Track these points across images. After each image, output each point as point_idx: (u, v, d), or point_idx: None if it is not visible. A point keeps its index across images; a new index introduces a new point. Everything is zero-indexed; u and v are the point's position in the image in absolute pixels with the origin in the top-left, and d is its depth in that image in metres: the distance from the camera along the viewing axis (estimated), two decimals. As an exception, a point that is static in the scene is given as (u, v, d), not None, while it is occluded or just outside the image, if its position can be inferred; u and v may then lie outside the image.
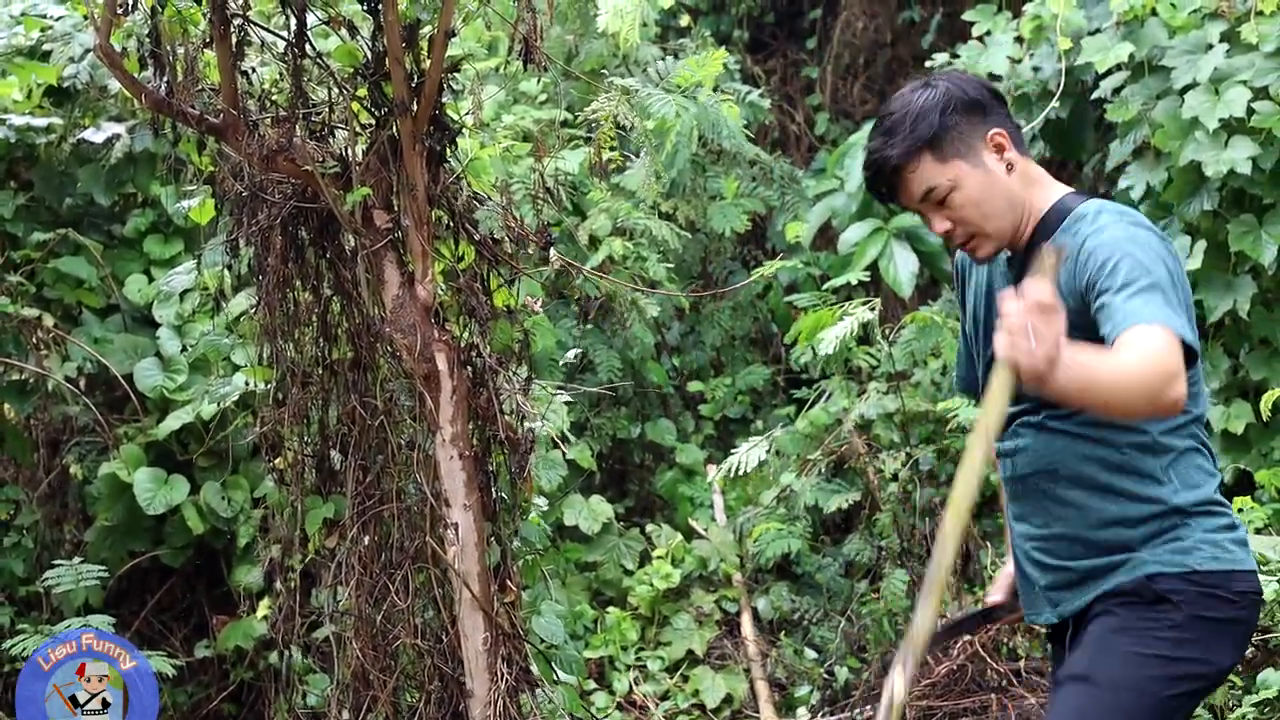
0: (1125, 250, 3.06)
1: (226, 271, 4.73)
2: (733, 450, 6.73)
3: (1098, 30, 6.93)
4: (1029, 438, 3.35)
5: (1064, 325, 2.71)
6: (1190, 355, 2.95)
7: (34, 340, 6.21)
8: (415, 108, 4.24)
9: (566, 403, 5.36)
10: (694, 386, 8.12)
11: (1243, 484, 6.29)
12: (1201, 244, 6.33)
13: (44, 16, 6.31)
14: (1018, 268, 3.34)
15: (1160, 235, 3.19)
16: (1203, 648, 3.24)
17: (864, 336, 6.48)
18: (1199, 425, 3.32)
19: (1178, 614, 3.23)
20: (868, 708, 6.11)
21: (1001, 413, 2.80)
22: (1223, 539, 3.28)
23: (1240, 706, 4.26)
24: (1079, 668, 3.23)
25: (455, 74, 4.42)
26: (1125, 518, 3.26)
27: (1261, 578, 4.30)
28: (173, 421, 6.17)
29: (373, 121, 4.38)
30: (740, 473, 6.57)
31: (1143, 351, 2.87)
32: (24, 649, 5.18)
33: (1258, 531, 4.71)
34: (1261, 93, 6.20)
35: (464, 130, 4.53)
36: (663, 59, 6.93)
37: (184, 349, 6.36)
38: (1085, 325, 3.03)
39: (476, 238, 4.50)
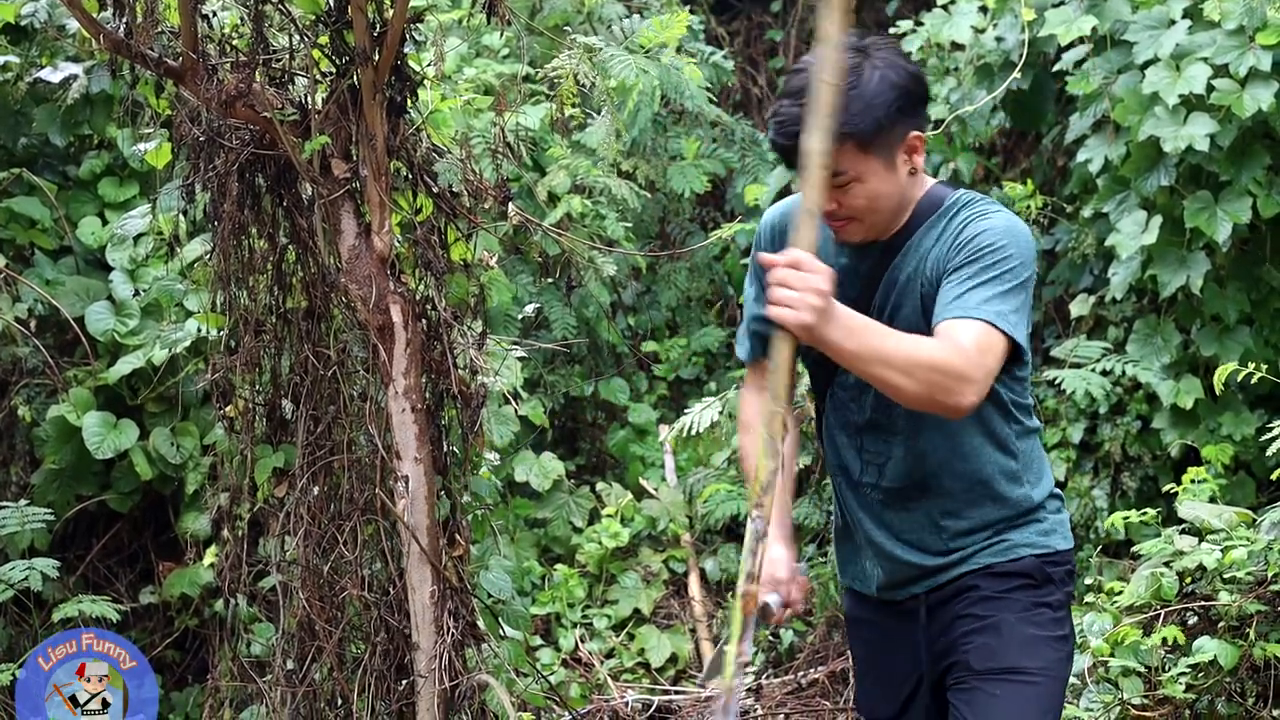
0: (1002, 241, 3.17)
1: (181, 216, 4.70)
2: (685, 411, 6.73)
3: (1061, 3, 6.94)
4: (899, 450, 3.37)
5: (826, 283, 2.88)
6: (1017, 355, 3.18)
7: (-15, 280, 6.16)
8: (376, 57, 4.21)
9: (520, 359, 5.35)
10: (648, 346, 8.12)
11: (1189, 458, 6.35)
12: (1157, 219, 6.36)
13: (2, -47, 6.24)
14: (877, 254, 3.33)
15: (1029, 232, 3.30)
16: (1070, 621, 3.45)
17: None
18: (1036, 432, 3.46)
19: (1059, 593, 3.41)
20: (812, 670, 6.15)
21: (787, 381, 2.97)
22: (1064, 519, 3.48)
23: (1175, 667, 4.30)
24: (1003, 660, 3.31)
25: (418, 25, 4.40)
26: (997, 519, 3.37)
27: (1205, 546, 4.38)
28: (123, 366, 6.14)
29: (333, 70, 4.35)
30: (692, 433, 6.58)
31: (950, 347, 3.05)
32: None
33: (1210, 500, 4.76)
34: (1222, 70, 6.22)
35: (425, 82, 4.50)
36: (627, 17, 6.91)
37: (136, 293, 6.32)
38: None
39: (435, 190, 4.48)
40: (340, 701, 4.62)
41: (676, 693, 6.04)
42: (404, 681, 4.52)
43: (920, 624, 3.42)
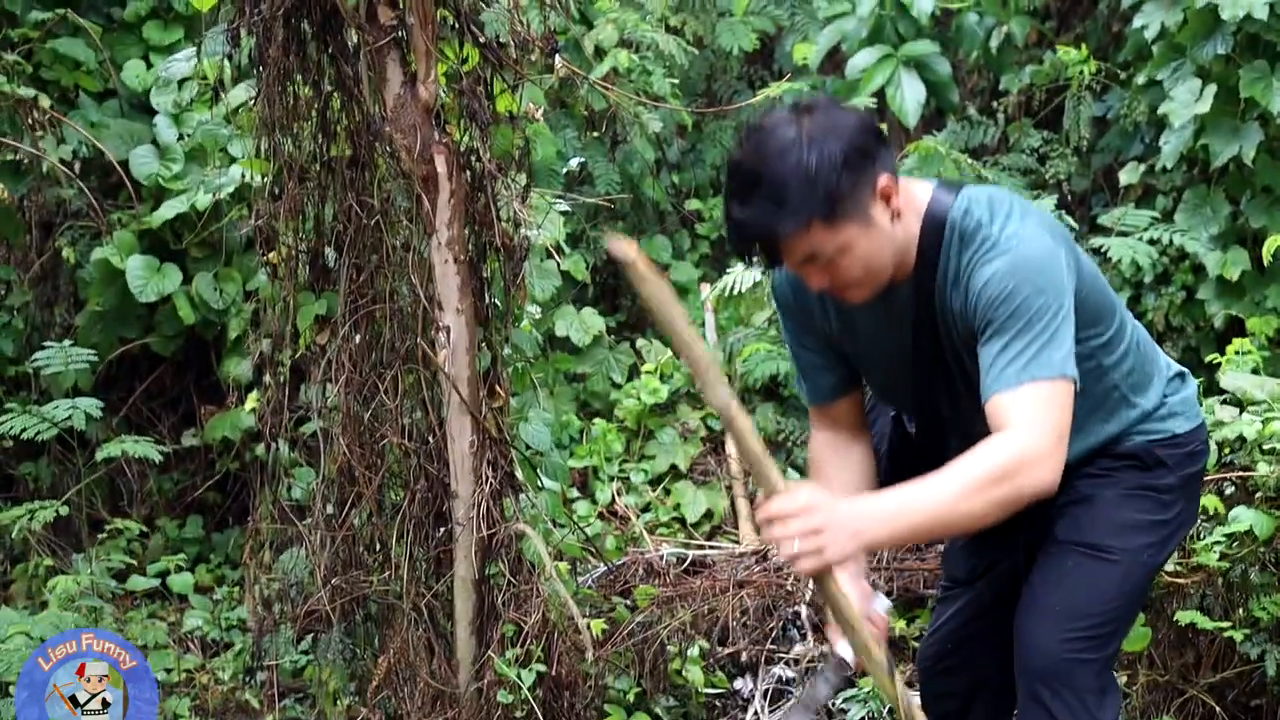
0: (1012, 285, 3.01)
1: (226, 61, 4.67)
2: (727, 270, 6.72)
3: None
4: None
5: (824, 514, 2.77)
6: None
7: (30, 121, 6.16)
8: (425, -98, 4.16)
9: (563, 213, 5.33)
10: (692, 204, 8.08)
11: (1233, 329, 6.31)
12: (1212, 88, 6.26)
13: None
14: (905, 297, 3.21)
15: (1039, 223, 3.12)
16: (1186, 501, 3.42)
17: (866, 162, 6.42)
18: (1132, 345, 3.35)
19: (1171, 477, 3.36)
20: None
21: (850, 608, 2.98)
22: (1185, 398, 3.43)
23: (1210, 535, 4.31)
24: (1088, 535, 3.30)
25: None
26: (1107, 440, 3.35)
27: (1245, 417, 4.37)
28: (167, 210, 6.15)
29: (381, -86, 4.30)
30: (734, 293, 6.57)
31: (1001, 443, 2.93)
32: (12, 427, 5.22)
33: (1253, 372, 4.74)
34: (1285, -64, 6.09)
35: (473, -72, 4.44)
36: None
37: (181, 138, 6.32)
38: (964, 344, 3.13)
39: (481, 40, 4.43)
40: (379, 547, 4.67)
41: (711, 548, 6.08)
42: (442, 529, 4.57)
43: None
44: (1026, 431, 2.94)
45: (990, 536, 3.40)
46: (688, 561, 5.73)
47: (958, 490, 2.89)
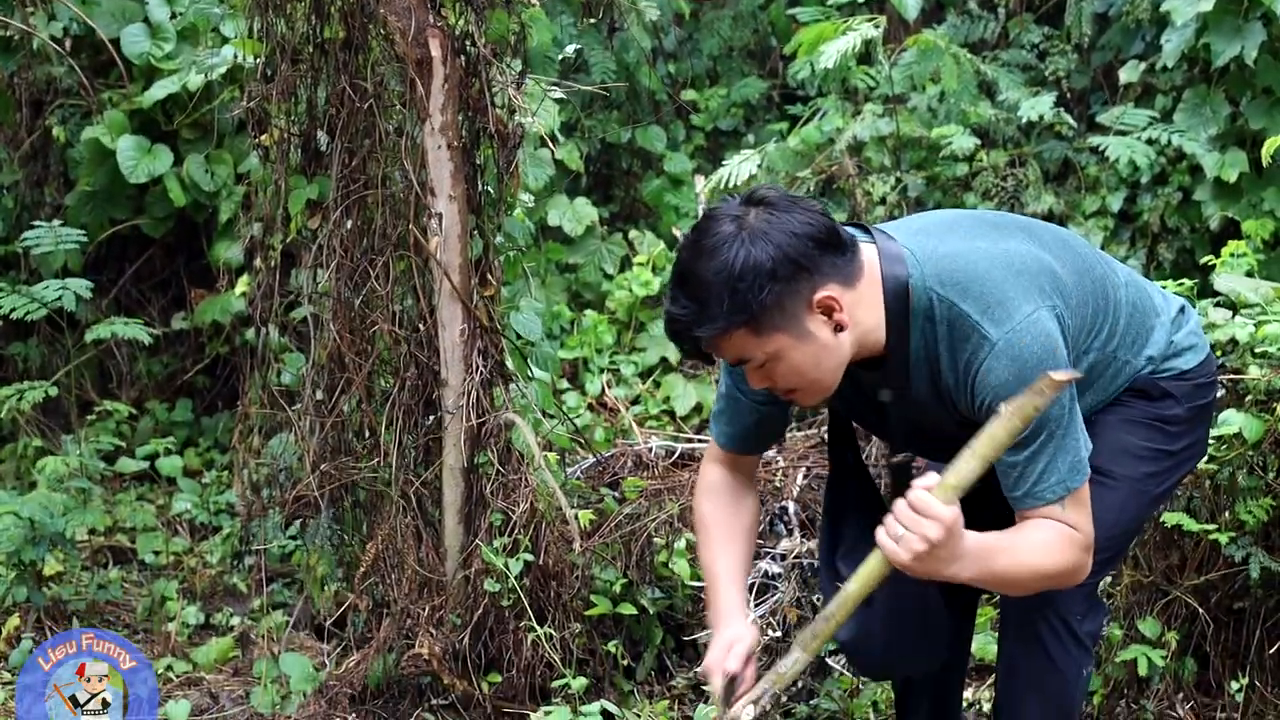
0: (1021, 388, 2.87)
1: (218, -62, 4.61)
2: (722, 162, 6.67)
3: None
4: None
5: (938, 531, 2.78)
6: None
7: (19, -4, 6.09)
8: None
9: (558, 101, 5.28)
10: (688, 95, 8.02)
11: (1228, 232, 6.29)
12: (1216, -15, 6.21)
13: None
14: (876, 379, 3.15)
15: (1025, 293, 3.02)
16: (1196, 432, 3.43)
17: (865, 55, 6.37)
18: (1128, 313, 3.32)
19: (1179, 408, 3.36)
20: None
21: (867, 590, 2.92)
22: (1187, 332, 3.42)
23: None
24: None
25: None
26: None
27: (1238, 319, 4.36)
28: (158, 90, 6.10)
29: None
30: (728, 185, 6.53)
31: (1055, 549, 3.01)
32: (1, 307, 5.19)
33: (1247, 275, 4.72)
34: None
35: None
36: None
37: (173, 16, 6.25)
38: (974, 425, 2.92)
39: (478, -78, 4.37)
40: (368, 433, 4.67)
41: (700, 441, 6.09)
42: (431, 417, 4.56)
43: None
44: (1085, 538, 3.04)
45: None
46: (676, 454, 5.73)
47: (1019, 575, 3.01)
